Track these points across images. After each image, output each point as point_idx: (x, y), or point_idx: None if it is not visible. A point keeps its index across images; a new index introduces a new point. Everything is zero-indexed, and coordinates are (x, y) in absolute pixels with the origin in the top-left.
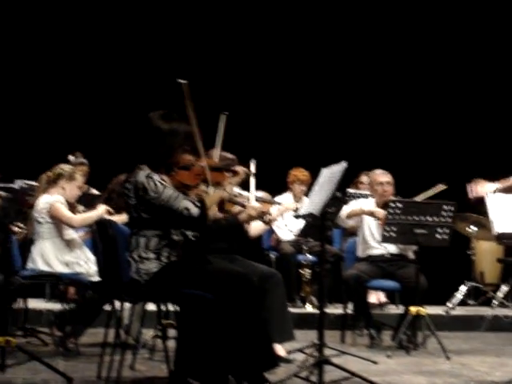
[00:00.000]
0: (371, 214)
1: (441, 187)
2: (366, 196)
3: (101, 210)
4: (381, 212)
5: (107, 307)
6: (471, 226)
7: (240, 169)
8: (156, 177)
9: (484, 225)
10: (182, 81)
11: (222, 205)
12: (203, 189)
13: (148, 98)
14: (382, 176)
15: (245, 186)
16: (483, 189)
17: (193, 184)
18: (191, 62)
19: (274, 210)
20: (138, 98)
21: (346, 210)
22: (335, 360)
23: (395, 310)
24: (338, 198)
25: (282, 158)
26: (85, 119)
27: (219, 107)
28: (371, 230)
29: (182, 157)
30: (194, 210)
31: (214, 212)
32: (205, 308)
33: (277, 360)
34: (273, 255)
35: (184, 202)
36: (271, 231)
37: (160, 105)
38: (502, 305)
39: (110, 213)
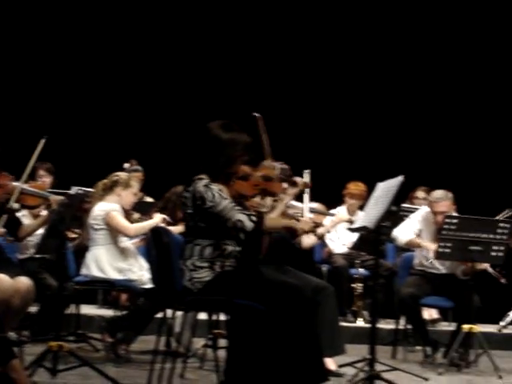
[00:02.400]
0: (428, 249)
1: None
2: None
3: (157, 219)
4: (432, 248)
5: (159, 315)
6: None
7: (299, 180)
8: (214, 187)
9: None
10: (256, 114)
11: (293, 234)
12: (258, 200)
13: (206, 108)
14: (438, 205)
15: (298, 196)
16: None
17: (250, 194)
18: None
19: (327, 221)
20: (196, 107)
21: (404, 236)
22: (386, 375)
23: (447, 326)
24: (394, 212)
25: (340, 171)
26: (140, 128)
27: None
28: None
29: (241, 167)
30: (248, 224)
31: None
32: (256, 319)
33: (327, 374)
34: (325, 268)
35: (239, 215)
36: (324, 244)
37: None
38: None
39: (167, 222)
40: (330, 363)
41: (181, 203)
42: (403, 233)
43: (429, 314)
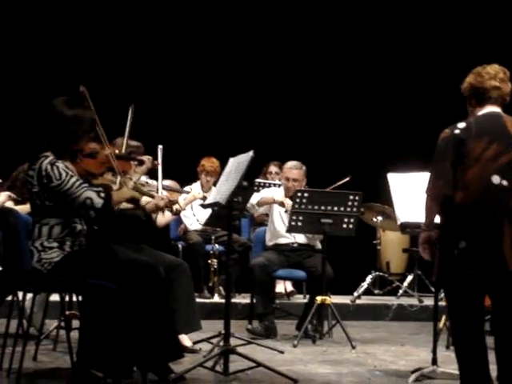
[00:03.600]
0: (281, 203)
1: (345, 179)
2: (274, 186)
3: (1, 197)
4: (290, 203)
5: (9, 297)
6: (377, 216)
7: (146, 158)
8: (60, 164)
9: (389, 215)
10: (81, 88)
11: (137, 203)
12: (109, 178)
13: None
14: (291, 172)
15: (152, 173)
16: None
17: (98, 172)
18: (95, 55)
19: (181, 199)
20: (39, 84)
21: (257, 197)
22: (241, 349)
23: (302, 299)
24: (245, 187)
25: (193, 147)
26: None
27: (128, 96)
28: (281, 219)
29: (87, 144)
30: (97, 201)
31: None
32: (108, 298)
33: (182, 350)
34: (180, 245)
35: (87, 192)
36: (179, 221)
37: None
38: (406, 294)
39: (14, 200)
40: (186, 340)
41: (26, 181)
42: (255, 196)
43: (284, 286)
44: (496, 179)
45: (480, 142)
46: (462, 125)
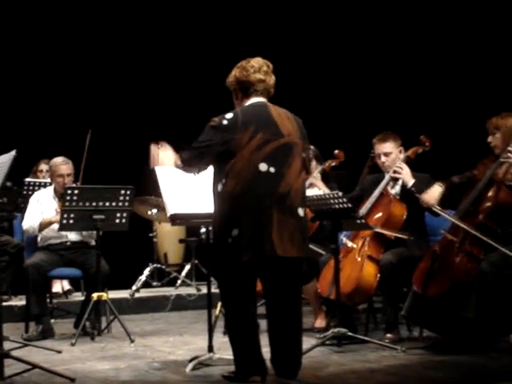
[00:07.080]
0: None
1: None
2: (45, 185)
3: None
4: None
5: None
6: (152, 209)
7: None
8: None
9: (164, 207)
10: None
11: None
12: None
13: None
14: (63, 168)
15: None
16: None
17: None
18: None
19: None
20: None
21: (34, 222)
22: (18, 352)
23: (80, 297)
24: (9, 188)
25: None
26: None
27: None
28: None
29: None
30: None
31: None
32: None
33: None
34: None
35: None
36: None
37: None
38: (185, 284)
39: None
40: None
41: None
42: (30, 220)
43: (61, 285)
44: (263, 166)
45: (247, 132)
46: (229, 115)
